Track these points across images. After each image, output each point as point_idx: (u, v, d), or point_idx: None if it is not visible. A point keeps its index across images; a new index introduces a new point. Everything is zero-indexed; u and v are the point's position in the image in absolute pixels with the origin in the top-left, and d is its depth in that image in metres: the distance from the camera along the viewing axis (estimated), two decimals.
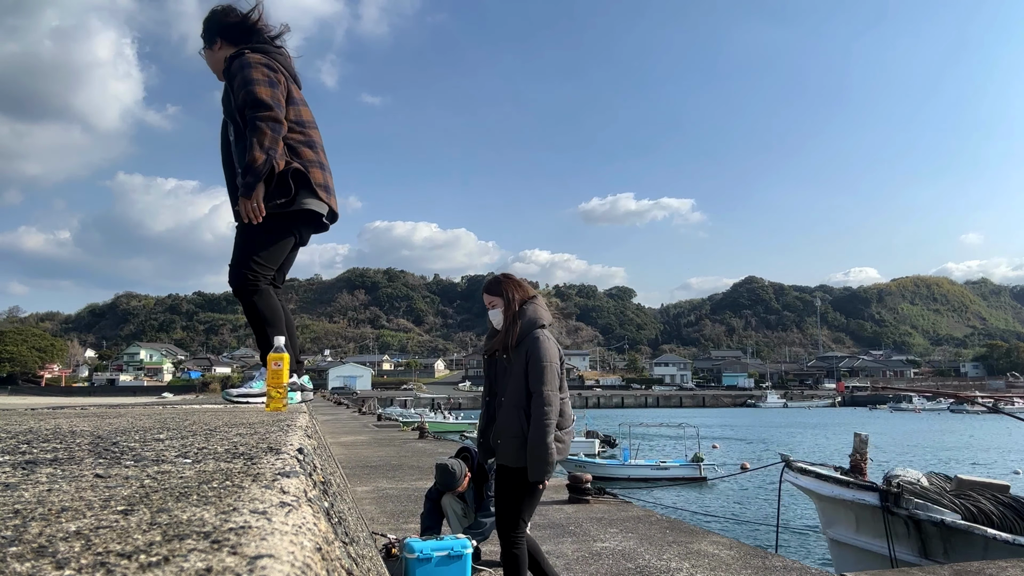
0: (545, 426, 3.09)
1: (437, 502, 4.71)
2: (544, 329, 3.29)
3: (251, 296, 3.22)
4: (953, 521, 6.48)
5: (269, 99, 3.04)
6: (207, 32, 3.33)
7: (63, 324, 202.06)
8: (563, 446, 3.21)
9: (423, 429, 16.97)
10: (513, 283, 3.40)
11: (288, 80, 3.25)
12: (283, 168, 3.07)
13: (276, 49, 3.31)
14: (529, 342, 3.22)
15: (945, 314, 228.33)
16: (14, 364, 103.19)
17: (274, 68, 3.15)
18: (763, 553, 5.18)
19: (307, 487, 0.93)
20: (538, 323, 3.28)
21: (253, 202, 3.00)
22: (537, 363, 3.16)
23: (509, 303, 3.32)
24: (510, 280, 3.42)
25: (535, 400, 3.14)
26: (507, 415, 3.23)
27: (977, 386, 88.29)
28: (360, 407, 36.21)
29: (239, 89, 3.09)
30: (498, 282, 3.42)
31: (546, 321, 3.33)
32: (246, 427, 1.75)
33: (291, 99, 3.21)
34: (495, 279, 3.46)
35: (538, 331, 3.25)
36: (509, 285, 3.38)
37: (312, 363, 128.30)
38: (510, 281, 3.41)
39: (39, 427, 1.80)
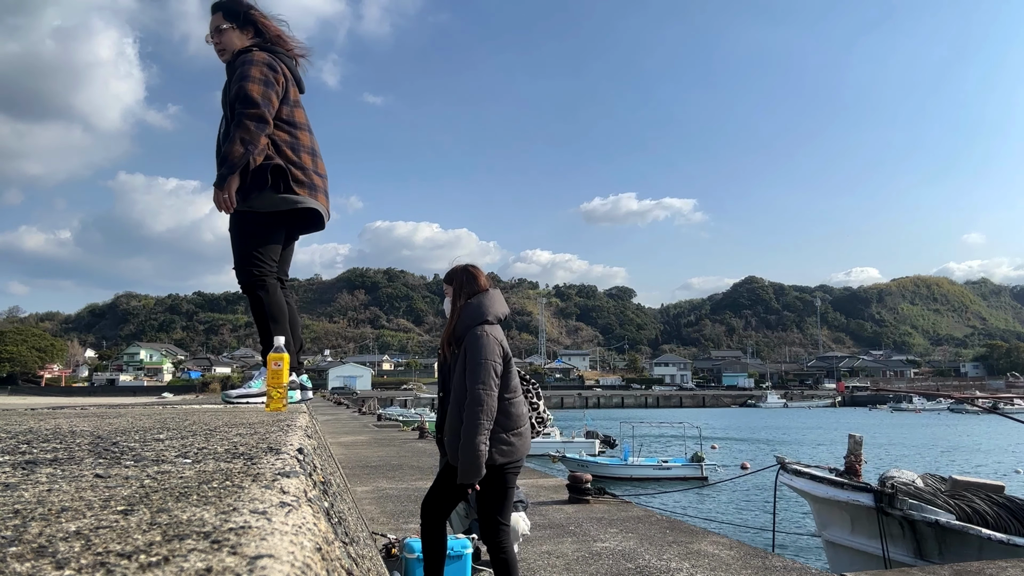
0: (473, 427, 2.93)
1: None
2: (487, 325, 3.10)
3: (258, 290, 3.25)
4: (948, 521, 6.49)
5: (259, 97, 3.07)
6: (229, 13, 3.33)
7: (63, 324, 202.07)
8: (509, 448, 3.05)
9: (423, 429, 16.99)
10: (467, 274, 3.25)
11: (289, 82, 3.27)
12: (261, 163, 3.10)
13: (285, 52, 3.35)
14: (468, 338, 3.08)
15: (945, 314, 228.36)
16: (14, 364, 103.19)
17: (275, 69, 3.18)
18: (763, 553, 5.18)
19: (307, 487, 0.93)
20: (481, 318, 3.11)
21: (225, 193, 3.05)
22: (471, 359, 3.02)
23: (456, 295, 3.21)
24: (465, 271, 3.27)
25: (467, 399, 2.99)
26: (452, 413, 3.11)
27: (977, 386, 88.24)
28: (360, 407, 36.21)
29: (235, 82, 3.14)
30: (452, 272, 3.30)
31: (493, 315, 3.15)
32: (246, 427, 1.75)
33: (286, 99, 3.23)
34: (452, 268, 3.33)
35: (479, 327, 3.08)
36: (461, 276, 3.25)
37: (312, 363, 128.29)
38: (464, 272, 3.26)
39: (39, 427, 1.80)
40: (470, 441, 2.93)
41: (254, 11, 3.34)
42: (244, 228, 3.23)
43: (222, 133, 3.30)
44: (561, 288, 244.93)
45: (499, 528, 3.14)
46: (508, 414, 3.07)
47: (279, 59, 3.25)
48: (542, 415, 3.50)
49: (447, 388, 3.27)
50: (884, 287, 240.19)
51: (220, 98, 3.42)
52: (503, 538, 3.14)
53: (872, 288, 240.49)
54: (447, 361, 3.25)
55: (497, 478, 3.07)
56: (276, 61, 3.22)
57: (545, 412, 3.54)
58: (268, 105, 3.10)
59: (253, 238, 3.24)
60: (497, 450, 3.01)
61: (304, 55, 3.43)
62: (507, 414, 3.07)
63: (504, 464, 3.05)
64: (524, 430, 3.14)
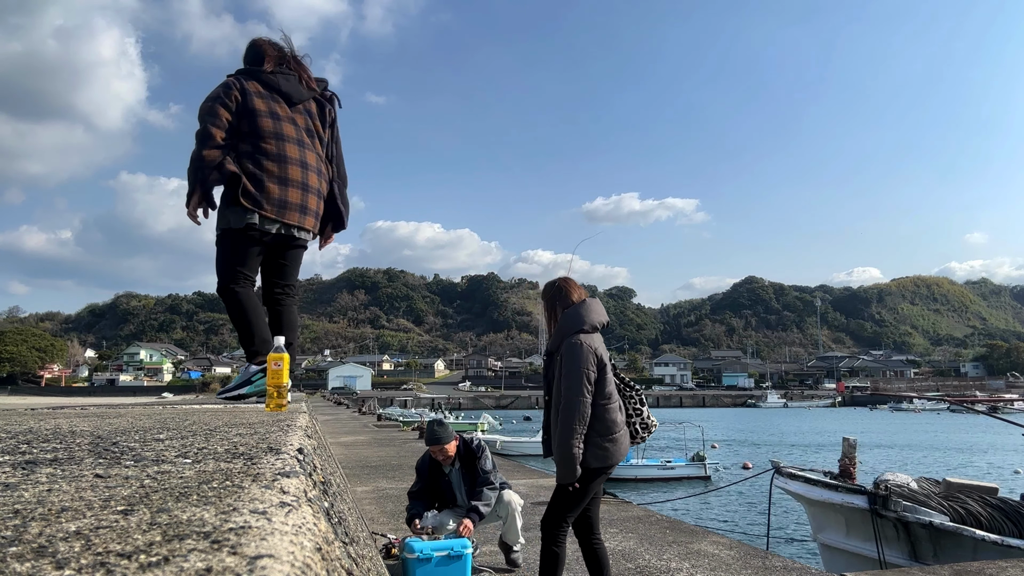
0: (566, 431, 3.15)
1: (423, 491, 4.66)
2: (582, 333, 3.30)
3: (223, 297, 3.42)
4: (942, 523, 6.50)
5: (203, 113, 3.18)
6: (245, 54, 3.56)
7: (63, 324, 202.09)
8: (603, 452, 3.21)
9: (423, 429, 16.98)
10: (559, 288, 3.51)
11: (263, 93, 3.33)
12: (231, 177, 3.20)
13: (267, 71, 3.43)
14: (564, 346, 3.30)
15: (945, 314, 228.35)
16: (14, 364, 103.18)
17: (229, 87, 3.25)
18: (763, 553, 5.18)
19: (307, 487, 0.93)
20: (577, 327, 3.32)
21: (189, 208, 3.19)
22: (565, 367, 3.24)
23: (551, 308, 3.48)
24: (557, 285, 3.53)
25: (561, 405, 3.21)
26: (553, 417, 3.33)
27: (977, 386, 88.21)
28: (360, 407, 36.21)
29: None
30: (546, 287, 3.58)
31: (589, 324, 3.36)
32: (246, 427, 1.75)
33: (254, 112, 3.27)
34: (548, 283, 3.60)
35: (575, 336, 3.29)
36: (554, 290, 3.51)
37: (312, 363, 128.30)
38: (557, 286, 3.52)
39: (39, 427, 1.80)
40: (563, 444, 3.16)
41: (260, 42, 3.48)
42: (220, 243, 3.39)
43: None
44: None
45: (561, 524, 3.32)
46: (603, 420, 3.24)
47: (244, 78, 3.33)
48: (646, 420, 3.55)
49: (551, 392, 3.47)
50: (884, 287, 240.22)
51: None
52: (561, 535, 3.32)
53: (872, 288, 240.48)
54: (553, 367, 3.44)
55: (586, 480, 3.23)
56: (236, 80, 3.30)
57: (650, 418, 3.58)
58: (211, 118, 3.16)
59: (225, 252, 3.38)
60: (592, 454, 3.20)
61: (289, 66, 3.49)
62: (601, 419, 3.24)
63: (597, 468, 3.22)
64: (619, 436, 3.30)
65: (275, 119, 3.31)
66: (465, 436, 4.73)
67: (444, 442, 4.48)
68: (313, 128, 3.49)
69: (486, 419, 40.45)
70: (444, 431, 4.52)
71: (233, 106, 3.22)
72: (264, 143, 3.26)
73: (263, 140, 3.26)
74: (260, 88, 3.32)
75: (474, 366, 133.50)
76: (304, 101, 3.47)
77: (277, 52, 3.47)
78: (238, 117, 3.24)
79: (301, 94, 3.45)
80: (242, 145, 3.24)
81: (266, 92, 3.34)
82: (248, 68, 3.40)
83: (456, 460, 4.59)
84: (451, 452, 4.54)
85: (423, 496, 4.63)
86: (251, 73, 3.37)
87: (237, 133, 3.24)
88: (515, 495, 4.60)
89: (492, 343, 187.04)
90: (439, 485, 4.63)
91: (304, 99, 3.47)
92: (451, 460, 4.57)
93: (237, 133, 3.24)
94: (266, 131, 3.27)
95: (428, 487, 4.64)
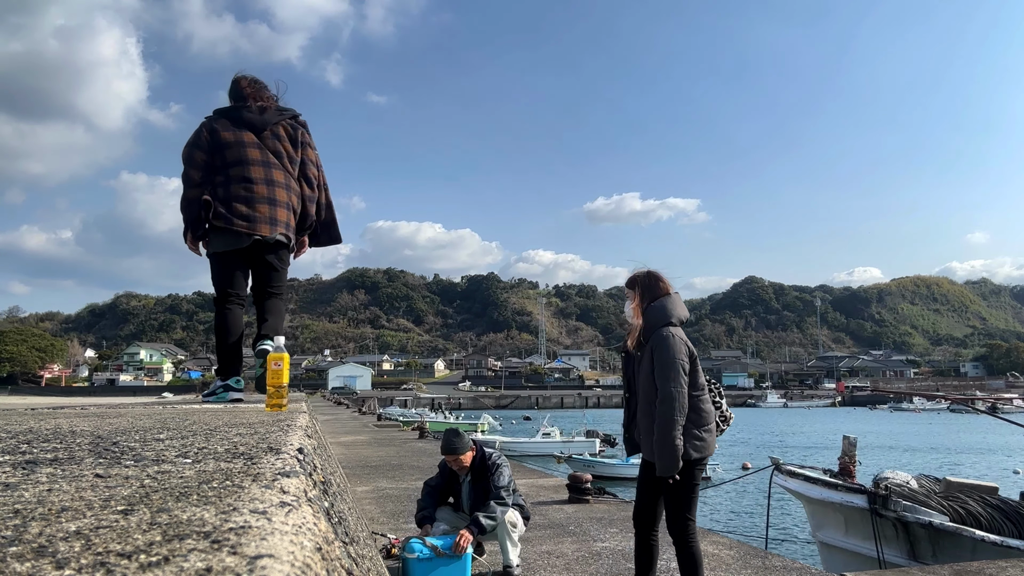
0: (667, 423, 3.17)
1: (437, 489, 4.65)
2: (671, 327, 3.33)
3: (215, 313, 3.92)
4: (941, 523, 6.49)
5: (183, 159, 3.72)
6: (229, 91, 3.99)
7: (63, 324, 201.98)
8: (701, 443, 3.24)
9: (423, 429, 16.98)
10: (649, 278, 3.50)
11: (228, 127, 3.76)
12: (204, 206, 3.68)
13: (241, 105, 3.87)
14: (655, 339, 3.31)
15: (945, 314, 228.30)
16: (14, 364, 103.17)
17: (200, 131, 3.75)
18: (763, 553, 5.18)
19: (307, 487, 0.93)
20: (664, 320, 3.34)
21: (186, 242, 3.78)
22: (659, 359, 3.25)
23: (640, 299, 3.45)
24: (647, 276, 3.52)
25: (659, 397, 3.22)
26: (642, 412, 3.34)
27: (977, 386, 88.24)
28: (360, 407, 36.22)
29: None
30: (634, 277, 3.55)
31: (676, 318, 3.38)
32: (246, 427, 1.75)
33: (224, 143, 3.72)
34: (634, 274, 3.58)
35: (664, 328, 3.31)
36: (643, 281, 3.50)
37: (312, 363, 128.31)
38: (647, 276, 3.52)
39: (39, 427, 1.80)
40: (665, 436, 3.16)
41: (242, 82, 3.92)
42: (211, 265, 3.88)
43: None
44: (561, 288, 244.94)
45: (687, 523, 3.30)
46: (698, 411, 3.27)
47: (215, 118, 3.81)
48: (724, 414, 3.55)
49: (633, 389, 3.49)
50: (884, 287, 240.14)
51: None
52: (692, 533, 3.30)
53: (872, 288, 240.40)
54: (633, 362, 3.47)
55: (688, 473, 3.24)
56: (207, 122, 3.79)
57: (728, 411, 3.58)
58: (187, 164, 3.70)
59: (214, 273, 3.86)
60: (691, 445, 3.22)
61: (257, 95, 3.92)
62: (697, 411, 3.27)
63: (697, 459, 3.24)
64: (713, 427, 3.32)
65: (240, 147, 3.74)
66: (487, 449, 4.62)
67: (459, 452, 4.45)
68: (282, 149, 3.86)
69: (486, 419, 40.45)
70: (460, 441, 4.47)
71: (205, 145, 3.70)
72: (231, 170, 3.70)
73: (231, 168, 3.70)
74: (228, 123, 3.77)
75: (474, 366, 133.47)
76: (270, 127, 3.84)
77: (254, 88, 3.91)
78: (211, 154, 3.71)
79: (265, 121, 3.83)
80: (217, 177, 3.71)
81: (232, 126, 3.77)
82: (220, 108, 3.87)
83: (471, 471, 4.54)
84: (466, 463, 4.49)
85: (437, 493, 4.62)
86: (222, 112, 3.84)
87: (212, 168, 3.72)
88: (515, 515, 4.44)
89: (492, 343, 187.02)
90: (454, 486, 4.63)
91: (269, 125, 3.84)
92: (466, 471, 4.54)
93: (212, 168, 3.72)
94: (232, 160, 3.71)
95: (446, 485, 4.64)
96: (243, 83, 3.90)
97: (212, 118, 3.80)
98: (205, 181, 3.70)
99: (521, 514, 4.52)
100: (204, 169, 3.70)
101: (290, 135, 3.91)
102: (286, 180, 3.83)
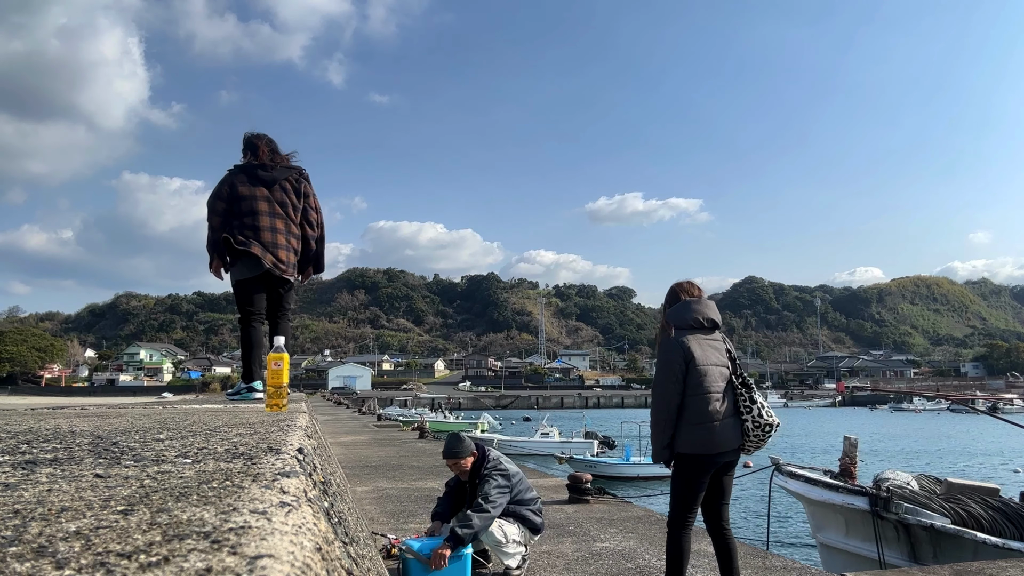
0: (651, 417, 3.59)
1: (454, 489, 4.64)
2: (673, 330, 3.63)
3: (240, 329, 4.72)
4: (943, 525, 6.47)
5: (208, 206, 4.54)
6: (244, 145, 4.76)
7: (63, 324, 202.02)
8: (692, 440, 3.47)
9: (423, 429, 16.98)
10: (672, 292, 3.84)
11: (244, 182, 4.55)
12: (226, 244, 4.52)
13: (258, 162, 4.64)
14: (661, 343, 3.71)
15: (945, 314, 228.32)
16: (14, 364, 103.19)
17: (221, 183, 4.55)
18: (763, 553, 5.18)
19: (307, 487, 0.93)
20: (669, 328, 3.67)
21: (211, 270, 4.58)
22: (658, 360, 3.66)
23: (664, 308, 3.88)
24: (671, 288, 3.87)
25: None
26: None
27: (977, 386, 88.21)
28: (360, 407, 36.23)
29: None
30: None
31: (684, 323, 3.63)
32: (246, 427, 1.75)
33: (240, 196, 4.53)
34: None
35: (665, 332, 3.67)
36: (668, 293, 3.87)
37: (312, 363, 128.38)
38: (671, 289, 3.86)
39: (39, 427, 1.80)
40: (651, 429, 3.61)
41: (258, 141, 4.68)
42: (234, 290, 4.69)
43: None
44: (561, 288, 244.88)
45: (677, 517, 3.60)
46: (692, 409, 3.48)
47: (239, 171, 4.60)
48: (758, 419, 3.56)
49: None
50: (884, 287, 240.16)
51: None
52: (679, 528, 3.62)
53: (872, 288, 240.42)
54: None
55: (686, 469, 3.53)
56: (228, 176, 4.58)
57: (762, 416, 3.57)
58: (211, 212, 4.53)
59: (237, 297, 4.66)
60: (681, 440, 3.49)
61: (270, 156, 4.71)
62: (691, 409, 3.48)
63: (690, 455, 3.49)
64: (712, 426, 3.48)
65: (253, 200, 4.55)
66: (491, 454, 4.55)
67: (459, 457, 4.44)
68: (287, 200, 4.66)
69: (486, 419, 40.45)
70: (460, 445, 4.45)
71: (225, 197, 4.53)
72: (245, 218, 4.52)
73: (244, 216, 4.53)
74: (245, 179, 4.57)
75: (474, 366, 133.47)
76: (278, 182, 4.63)
77: (269, 147, 4.70)
78: (230, 203, 4.54)
79: (275, 178, 4.62)
80: (234, 221, 4.53)
81: (249, 182, 4.57)
82: (240, 165, 4.66)
83: (474, 475, 4.52)
84: (467, 467, 4.47)
85: (454, 494, 4.63)
86: (241, 168, 4.63)
87: (231, 213, 4.54)
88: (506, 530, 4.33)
89: (492, 343, 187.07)
90: (464, 490, 4.61)
91: (278, 181, 4.63)
92: (467, 474, 4.52)
93: (231, 213, 4.54)
94: (246, 210, 4.53)
95: (460, 486, 4.63)
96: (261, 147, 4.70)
97: (233, 172, 4.61)
98: (224, 225, 4.53)
99: (529, 525, 4.46)
100: (223, 215, 4.53)
101: (294, 188, 4.70)
102: (287, 227, 4.67)
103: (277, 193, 4.59)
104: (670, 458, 3.54)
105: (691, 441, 3.46)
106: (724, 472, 3.63)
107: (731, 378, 3.61)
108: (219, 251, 4.52)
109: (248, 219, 4.51)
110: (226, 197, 4.54)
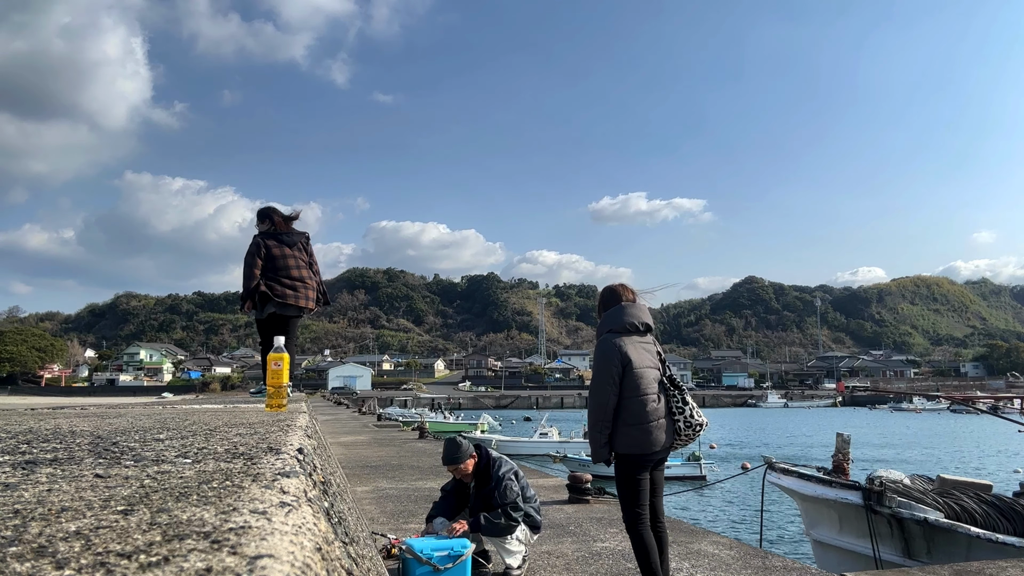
0: (588, 420, 3.70)
1: (453, 492, 4.64)
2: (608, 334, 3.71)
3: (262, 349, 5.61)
4: (936, 520, 6.45)
5: (246, 263, 5.83)
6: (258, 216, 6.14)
7: (63, 324, 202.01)
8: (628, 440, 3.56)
9: (423, 429, 16.98)
10: (603, 293, 3.97)
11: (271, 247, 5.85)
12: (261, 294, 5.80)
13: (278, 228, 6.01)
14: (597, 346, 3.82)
15: (945, 314, 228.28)
16: (14, 364, 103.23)
17: (257, 245, 5.83)
18: (763, 553, 5.18)
19: (307, 487, 0.93)
20: (603, 329, 3.78)
21: (242, 308, 5.97)
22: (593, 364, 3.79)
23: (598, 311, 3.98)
24: (602, 291, 3.99)
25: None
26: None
27: (977, 386, 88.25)
28: (360, 407, 36.22)
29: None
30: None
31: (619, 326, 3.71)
32: (246, 427, 1.75)
33: (272, 256, 5.86)
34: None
35: (601, 336, 3.77)
36: (600, 296, 4.00)
37: (312, 363, 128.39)
38: (606, 294, 3.95)
39: (39, 427, 1.80)
40: (589, 431, 3.71)
41: (273, 211, 6.09)
42: (257, 327, 6.06)
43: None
44: (561, 288, 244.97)
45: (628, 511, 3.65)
46: (628, 411, 3.58)
47: (266, 236, 5.91)
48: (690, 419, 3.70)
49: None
50: (884, 287, 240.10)
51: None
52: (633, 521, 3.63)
53: (872, 288, 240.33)
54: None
55: (625, 466, 3.62)
56: (259, 240, 5.87)
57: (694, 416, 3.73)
58: (248, 271, 5.80)
59: (262, 329, 5.92)
60: (618, 441, 3.59)
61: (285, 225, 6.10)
62: (627, 411, 3.58)
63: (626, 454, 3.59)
64: (647, 426, 3.58)
65: (284, 258, 5.93)
66: (493, 456, 4.56)
67: (459, 462, 4.43)
68: (302, 257, 6.06)
69: (486, 419, 40.46)
70: (458, 450, 4.44)
71: (263, 255, 5.84)
72: (278, 273, 5.88)
73: (277, 271, 5.88)
74: (273, 243, 5.90)
75: (474, 366, 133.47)
76: (297, 244, 6.03)
77: (282, 217, 6.07)
78: (267, 261, 5.84)
79: (294, 241, 6.02)
80: (268, 273, 5.85)
81: (276, 243, 5.91)
82: (266, 231, 5.96)
83: (475, 477, 4.51)
84: (467, 470, 4.47)
85: (451, 497, 4.62)
86: (268, 234, 5.94)
87: (269, 269, 5.85)
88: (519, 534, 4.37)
89: (492, 343, 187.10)
90: (465, 492, 4.60)
91: (296, 242, 6.03)
92: (470, 478, 4.51)
93: (269, 269, 5.85)
94: (279, 265, 5.89)
95: (458, 490, 4.62)
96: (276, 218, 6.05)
97: (264, 236, 5.91)
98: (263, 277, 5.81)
99: (530, 524, 4.47)
100: (263, 270, 5.81)
101: (304, 247, 6.14)
102: (307, 275, 6.07)
103: (298, 252, 6.07)
104: (608, 457, 3.65)
105: (628, 442, 3.58)
106: (655, 467, 3.76)
107: (663, 380, 3.76)
108: (253, 296, 5.81)
109: (283, 272, 5.97)
110: (264, 255, 5.94)
